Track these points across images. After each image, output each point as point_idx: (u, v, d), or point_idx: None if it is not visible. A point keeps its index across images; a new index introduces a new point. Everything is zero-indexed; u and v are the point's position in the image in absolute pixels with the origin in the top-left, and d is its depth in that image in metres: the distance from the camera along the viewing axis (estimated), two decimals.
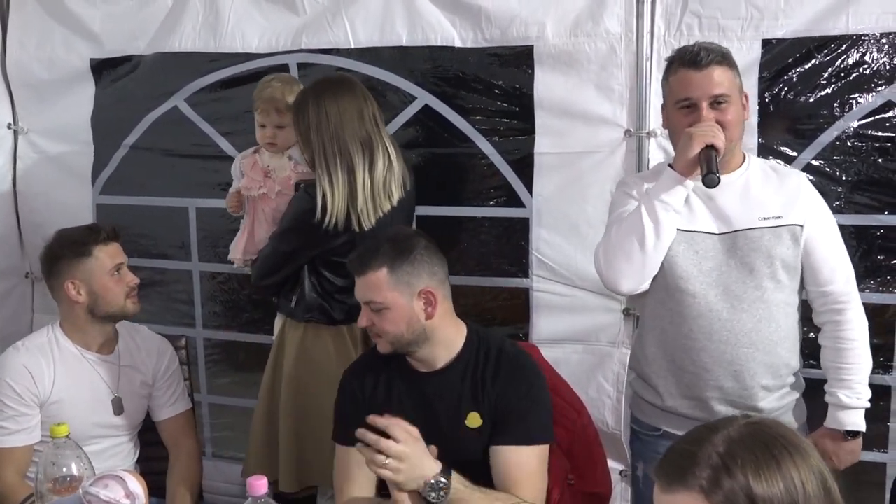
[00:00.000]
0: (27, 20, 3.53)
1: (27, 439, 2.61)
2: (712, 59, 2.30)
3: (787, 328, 2.38)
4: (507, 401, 2.31)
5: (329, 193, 2.71)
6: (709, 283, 2.34)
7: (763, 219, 2.33)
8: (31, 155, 3.65)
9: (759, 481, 1.28)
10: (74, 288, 2.67)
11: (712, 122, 2.26)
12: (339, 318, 2.89)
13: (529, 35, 3.02)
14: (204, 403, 3.58)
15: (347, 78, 2.86)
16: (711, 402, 2.36)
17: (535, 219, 3.11)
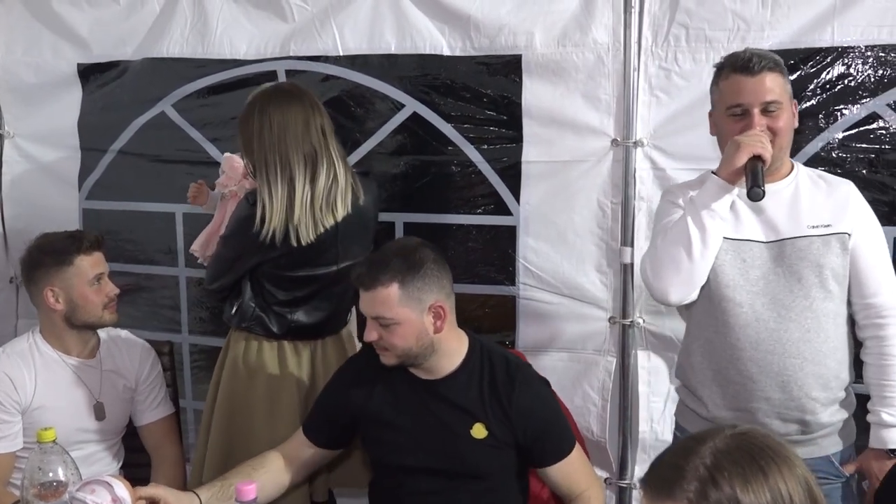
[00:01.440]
0: (14, 24, 3.53)
1: (9, 446, 2.61)
2: (765, 66, 2.27)
3: (837, 339, 2.34)
4: (533, 420, 2.35)
5: (268, 205, 2.64)
6: (756, 291, 2.31)
7: (812, 227, 2.30)
8: (17, 159, 3.64)
9: (747, 492, 1.28)
10: (53, 296, 2.66)
11: (761, 131, 2.23)
12: (278, 332, 2.82)
13: (518, 44, 3.02)
14: (189, 409, 3.57)
15: (298, 88, 2.80)
16: (758, 413, 2.31)
17: (522, 227, 3.12)
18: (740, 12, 2.83)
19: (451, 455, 2.34)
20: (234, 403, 2.85)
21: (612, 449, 3.08)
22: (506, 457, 2.36)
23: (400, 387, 2.38)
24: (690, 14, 2.86)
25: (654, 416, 3.07)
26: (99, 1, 3.42)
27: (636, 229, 2.97)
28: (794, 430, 2.32)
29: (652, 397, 3.07)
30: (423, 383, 2.37)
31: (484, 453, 2.34)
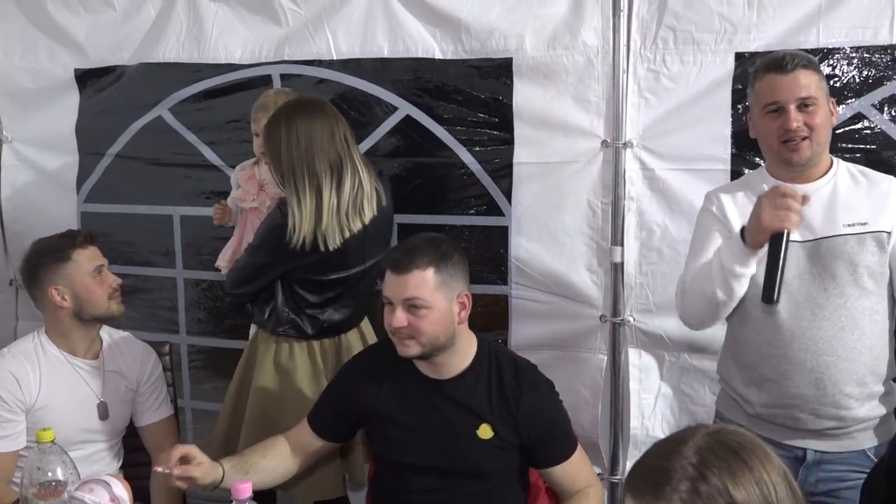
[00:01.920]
0: (12, 30, 3.53)
1: (12, 445, 2.62)
2: (798, 63, 2.27)
3: (874, 335, 2.33)
4: (543, 424, 2.37)
5: (297, 213, 2.70)
6: (791, 291, 2.30)
7: (848, 225, 2.29)
8: (16, 163, 3.65)
9: (738, 488, 1.29)
10: (59, 294, 2.68)
11: (788, 198, 2.15)
12: (311, 333, 2.88)
13: (508, 47, 3.04)
14: (188, 409, 3.59)
15: (319, 100, 2.85)
16: (794, 409, 2.32)
17: (513, 227, 3.14)
18: (727, 15, 2.84)
19: (456, 454, 2.36)
20: (267, 402, 2.88)
21: (604, 445, 3.10)
22: (510, 457, 2.38)
23: (408, 385, 2.39)
24: (678, 17, 2.88)
25: (644, 413, 3.09)
26: (95, 7, 3.43)
27: (626, 229, 2.99)
28: (829, 426, 2.32)
29: (643, 394, 3.09)
30: (431, 382, 2.38)
31: (489, 454, 2.35)
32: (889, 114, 2.83)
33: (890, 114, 2.83)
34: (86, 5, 3.44)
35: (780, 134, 2.28)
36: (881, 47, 2.78)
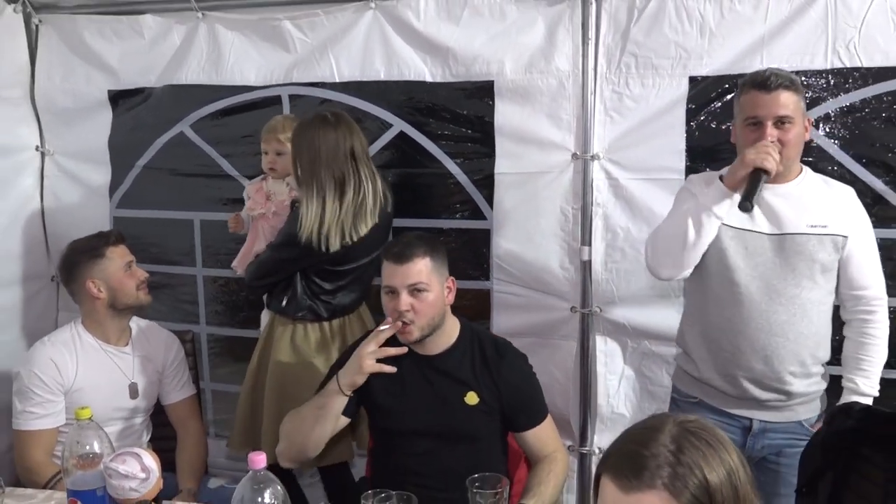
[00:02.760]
0: (54, 57, 3.52)
1: (53, 423, 2.64)
2: (780, 83, 2.27)
3: (819, 324, 2.38)
4: (520, 390, 2.42)
5: (305, 215, 2.75)
6: (753, 276, 2.34)
7: (811, 226, 2.32)
8: (57, 174, 3.63)
9: (711, 471, 1.30)
10: (95, 286, 2.70)
11: (770, 143, 2.23)
12: (325, 315, 2.93)
13: (490, 71, 3.04)
14: (207, 390, 3.59)
15: (337, 116, 2.85)
16: (741, 379, 2.37)
17: (495, 229, 3.14)
18: (682, 43, 2.85)
19: (447, 419, 2.38)
20: (285, 377, 2.90)
21: (574, 421, 3.11)
22: (493, 422, 2.41)
23: (403, 361, 2.41)
24: (639, 45, 2.89)
25: (610, 392, 3.11)
26: (127, 35, 3.42)
27: (593, 231, 3.01)
28: (772, 398, 2.37)
29: (608, 376, 3.11)
30: (423, 358, 2.41)
31: (475, 418, 2.38)
32: (824, 130, 2.85)
33: (825, 130, 2.85)
34: (118, 34, 3.43)
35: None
36: (817, 72, 2.79)
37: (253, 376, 3.02)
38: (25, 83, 3.54)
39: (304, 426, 2.41)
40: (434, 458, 2.39)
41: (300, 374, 2.89)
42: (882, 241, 2.81)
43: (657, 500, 1.29)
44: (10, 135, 3.51)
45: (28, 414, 2.63)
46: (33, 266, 3.62)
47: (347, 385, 2.36)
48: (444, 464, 2.36)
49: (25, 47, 3.52)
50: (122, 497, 1.85)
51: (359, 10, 3.15)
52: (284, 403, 2.88)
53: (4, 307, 3.46)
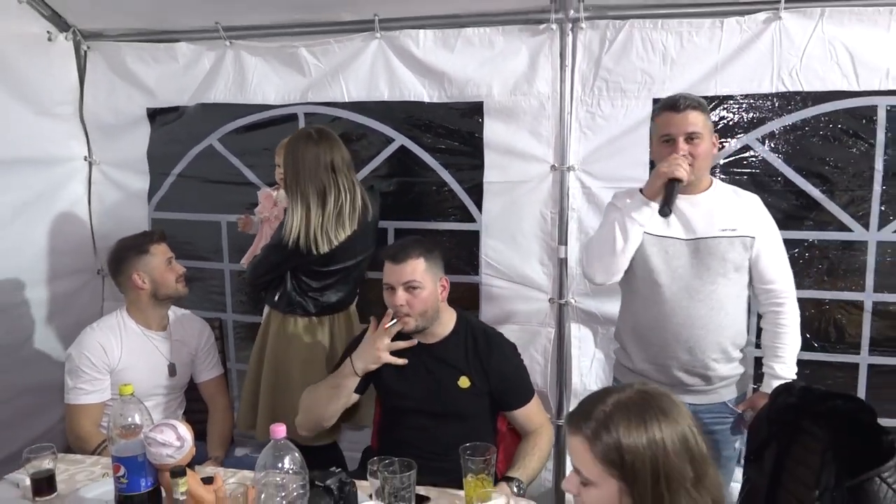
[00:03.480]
0: (99, 79, 3.52)
1: (99, 398, 2.66)
2: (689, 105, 2.32)
3: (735, 315, 2.41)
4: (507, 374, 2.44)
5: (290, 221, 2.74)
6: (674, 277, 2.36)
7: (722, 230, 2.35)
8: (102, 181, 3.63)
9: (628, 437, 1.35)
10: (140, 278, 2.72)
11: (681, 156, 2.27)
12: (314, 311, 2.91)
13: (480, 93, 3.05)
14: (233, 370, 3.59)
15: (320, 132, 2.82)
16: (671, 368, 2.39)
17: (483, 231, 3.15)
18: (647, 69, 2.87)
19: (442, 400, 2.41)
20: (278, 363, 2.91)
21: (552, 396, 3.13)
22: (483, 402, 2.44)
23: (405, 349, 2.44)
24: (610, 71, 2.90)
25: (583, 372, 3.12)
26: (163, 60, 3.42)
27: (569, 233, 3.01)
28: (697, 382, 2.40)
29: (581, 358, 3.12)
30: (422, 346, 2.43)
31: (467, 399, 2.41)
32: (769, 145, 2.87)
33: (770, 145, 2.87)
34: (156, 59, 3.43)
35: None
36: (763, 95, 2.82)
37: (254, 364, 3.02)
38: (75, 102, 3.54)
39: (321, 401, 2.44)
40: (430, 432, 2.41)
41: (289, 362, 2.90)
42: (819, 242, 2.88)
43: (579, 443, 1.40)
44: (62, 147, 3.52)
45: (78, 390, 2.65)
46: (82, 261, 3.62)
47: (361, 369, 2.39)
48: (439, 438, 2.39)
49: (75, 70, 3.51)
50: (159, 463, 1.85)
51: (366, 39, 3.15)
52: (278, 386, 2.90)
53: (57, 297, 3.47)
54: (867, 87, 2.70)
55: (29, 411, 3.27)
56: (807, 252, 2.91)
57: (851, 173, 2.81)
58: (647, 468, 1.36)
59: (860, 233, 2.82)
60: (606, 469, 1.39)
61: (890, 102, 2.70)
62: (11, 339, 3.23)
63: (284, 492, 1.72)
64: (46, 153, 3.43)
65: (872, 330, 2.85)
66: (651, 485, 1.36)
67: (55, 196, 3.48)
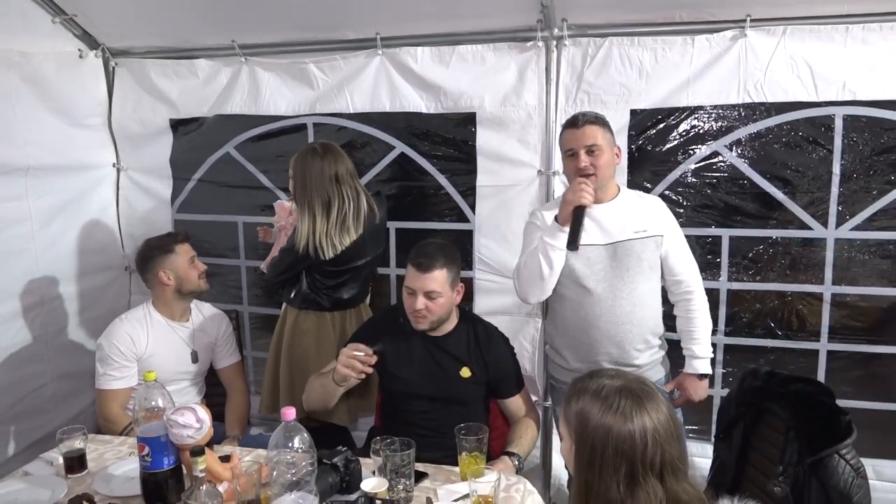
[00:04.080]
0: (126, 92, 3.50)
1: (127, 384, 2.65)
2: (587, 120, 2.32)
3: (653, 307, 2.41)
4: (503, 367, 2.43)
5: (299, 230, 2.74)
6: (598, 280, 2.34)
7: (635, 232, 2.34)
8: (129, 186, 3.61)
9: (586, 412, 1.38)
10: (165, 275, 2.71)
11: (583, 181, 2.24)
12: (327, 306, 2.89)
13: (473, 105, 3.04)
14: (249, 357, 3.58)
15: (324, 146, 2.80)
16: (601, 363, 2.37)
17: (477, 230, 3.14)
18: (625, 83, 2.86)
19: (444, 387, 2.40)
20: (294, 354, 2.90)
21: (539, 381, 3.11)
22: (480, 391, 2.43)
23: (414, 338, 2.43)
24: (591, 84, 2.89)
25: None
26: (185, 75, 3.41)
27: None
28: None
29: None
30: (428, 338, 2.42)
31: (467, 387, 2.40)
32: (736, 152, 2.86)
33: (737, 151, 2.86)
34: (178, 74, 3.42)
35: (575, 171, 2.32)
36: (731, 105, 2.82)
37: (273, 356, 3.00)
38: (104, 114, 3.52)
39: (315, 394, 2.45)
40: (430, 415, 2.41)
41: (305, 353, 2.88)
42: (782, 240, 2.87)
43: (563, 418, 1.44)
44: (92, 155, 3.50)
45: (108, 376, 2.64)
46: (110, 259, 3.61)
47: (340, 379, 2.34)
48: (438, 420, 2.38)
49: (104, 85, 3.50)
50: (180, 443, 1.84)
51: (369, 55, 3.13)
52: (296, 377, 2.88)
53: (88, 291, 3.45)
54: (825, 97, 2.69)
55: (63, 396, 3.26)
56: (771, 248, 2.90)
57: (811, 177, 2.80)
58: (587, 445, 1.37)
59: (820, 231, 2.82)
60: (568, 428, 1.43)
61: (846, 112, 2.70)
62: (47, 330, 3.21)
63: (295, 469, 1.70)
64: (79, 161, 3.42)
65: (831, 319, 2.86)
66: (586, 461, 1.37)
67: (87, 200, 3.47)
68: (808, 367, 2.89)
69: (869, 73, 2.64)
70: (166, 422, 1.85)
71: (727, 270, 2.92)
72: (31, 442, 3.06)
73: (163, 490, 1.86)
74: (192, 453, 1.77)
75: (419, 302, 2.31)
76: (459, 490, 1.94)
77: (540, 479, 3.13)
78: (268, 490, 1.79)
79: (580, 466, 1.39)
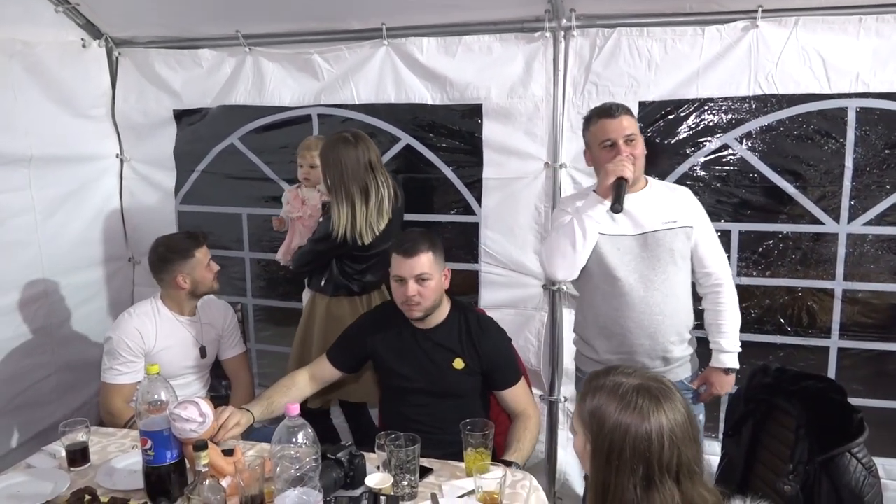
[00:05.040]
0: (130, 82, 3.49)
1: (132, 379, 2.65)
2: (622, 110, 2.30)
3: (685, 299, 2.39)
4: (496, 357, 2.40)
5: (336, 216, 2.73)
6: (629, 270, 2.33)
7: (665, 222, 2.33)
8: (133, 176, 3.61)
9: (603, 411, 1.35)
10: (183, 280, 2.70)
11: (625, 156, 2.24)
12: (357, 290, 2.90)
13: (479, 96, 3.02)
14: (253, 350, 3.59)
15: (356, 135, 2.80)
16: (633, 355, 2.35)
17: (482, 223, 3.12)
18: (633, 74, 2.84)
19: (438, 380, 2.38)
20: (328, 338, 2.84)
21: (545, 376, 3.11)
22: (475, 381, 2.40)
23: (403, 333, 2.41)
24: (599, 76, 2.87)
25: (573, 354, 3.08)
26: (188, 66, 3.40)
27: None
28: (658, 365, 2.36)
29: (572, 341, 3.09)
30: (419, 331, 2.40)
31: (461, 379, 2.38)
32: (747, 144, 2.84)
33: (747, 144, 2.84)
34: (181, 64, 3.41)
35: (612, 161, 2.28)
36: (742, 97, 2.79)
37: (300, 344, 2.99)
38: (107, 104, 3.51)
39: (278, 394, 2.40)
40: (429, 409, 2.39)
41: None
42: (793, 234, 2.85)
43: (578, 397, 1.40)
44: (96, 145, 3.49)
45: (114, 370, 2.63)
46: (114, 250, 3.61)
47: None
48: (436, 414, 2.37)
49: (108, 75, 3.49)
50: (183, 437, 1.83)
51: (374, 46, 3.12)
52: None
53: (92, 282, 3.46)
54: (838, 90, 2.66)
55: (66, 387, 3.26)
56: (781, 243, 2.88)
57: (823, 170, 2.78)
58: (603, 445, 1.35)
59: (831, 225, 2.79)
60: (583, 425, 1.41)
61: (859, 104, 2.67)
62: (50, 321, 3.21)
63: (299, 464, 1.69)
64: (82, 151, 3.41)
65: (842, 316, 2.83)
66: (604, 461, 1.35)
67: (90, 191, 3.47)
68: (817, 364, 2.86)
69: (883, 64, 2.61)
70: (169, 416, 1.84)
71: (736, 265, 2.89)
72: (33, 434, 3.06)
73: (166, 484, 1.85)
74: (195, 448, 1.75)
75: (411, 288, 2.29)
76: (465, 486, 1.93)
77: (545, 474, 3.13)
78: (271, 485, 1.78)
79: (597, 466, 1.37)
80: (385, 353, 2.43)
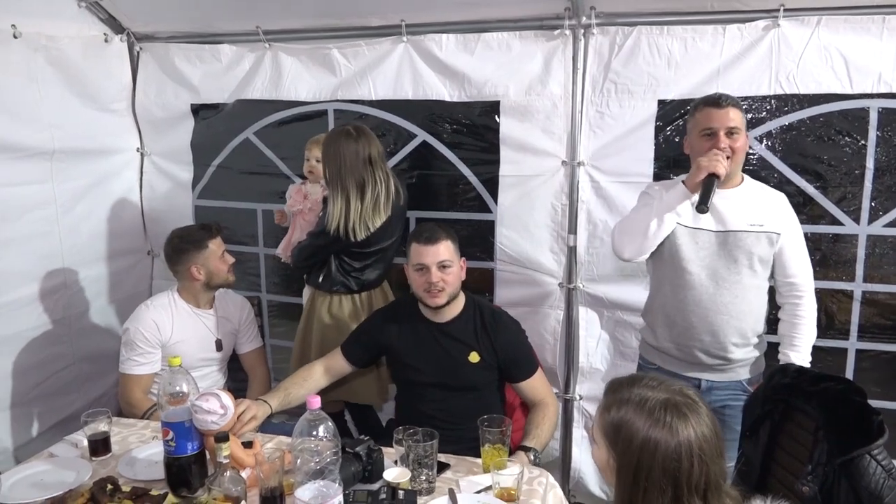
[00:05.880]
0: (149, 77, 3.52)
1: (150, 369, 2.68)
2: (729, 102, 2.27)
3: (757, 304, 2.35)
4: (512, 350, 2.42)
5: (331, 212, 2.74)
6: (702, 265, 2.31)
7: (750, 225, 2.29)
8: (152, 170, 3.63)
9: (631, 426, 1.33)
10: (197, 270, 2.73)
11: (719, 152, 2.20)
12: (355, 288, 2.90)
13: (497, 93, 3.02)
14: (268, 344, 3.59)
15: (357, 129, 2.81)
16: (692, 349, 2.35)
17: (498, 221, 3.12)
18: (653, 73, 2.83)
19: (454, 374, 2.39)
20: (326, 337, 2.90)
21: (560, 373, 3.11)
22: (491, 375, 2.42)
23: (419, 327, 2.43)
24: (618, 74, 2.86)
25: (589, 352, 3.10)
26: (207, 60, 3.42)
27: (578, 223, 2.99)
28: (717, 363, 2.36)
29: (588, 339, 3.10)
30: (435, 325, 2.42)
31: (476, 373, 2.39)
32: (767, 144, 2.82)
33: (768, 144, 2.82)
34: (201, 59, 3.43)
35: (710, 151, 2.25)
36: (762, 97, 2.77)
37: (301, 341, 3.01)
38: (128, 98, 3.54)
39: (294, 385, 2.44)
40: (445, 403, 2.41)
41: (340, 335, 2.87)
42: (812, 235, 2.83)
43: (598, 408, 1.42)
44: (116, 139, 3.52)
45: (132, 361, 2.67)
46: (133, 242, 3.64)
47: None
48: (452, 408, 2.39)
49: (129, 70, 3.52)
50: (204, 428, 1.86)
51: (393, 42, 3.12)
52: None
53: (111, 274, 3.49)
54: (860, 90, 2.65)
55: (85, 378, 3.30)
56: None
57: (844, 171, 2.76)
58: (631, 464, 1.33)
59: (851, 226, 2.78)
60: (606, 438, 1.39)
61: (881, 104, 2.65)
62: (70, 313, 3.24)
63: (319, 457, 1.70)
64: (103, 145, 3.44)
65: (861, 317, 2.82)
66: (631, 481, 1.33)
67: (111, 184, 3.49)
68: (836, 365, 2.85)
69: None
70: (191, 407, 1.86)
71: None
72: (53, 423, 3.10)
73: (186, 475, 1.87)
74: (216, 439, 1.76)
75: (434, 275, 2.32)
76: (482, 482, 1.94)
77: (559, 472, 3.14)
78: (290, 477, 1.80)
79: (624, 484, 1.34)
80: (400, 347, 2.44)
